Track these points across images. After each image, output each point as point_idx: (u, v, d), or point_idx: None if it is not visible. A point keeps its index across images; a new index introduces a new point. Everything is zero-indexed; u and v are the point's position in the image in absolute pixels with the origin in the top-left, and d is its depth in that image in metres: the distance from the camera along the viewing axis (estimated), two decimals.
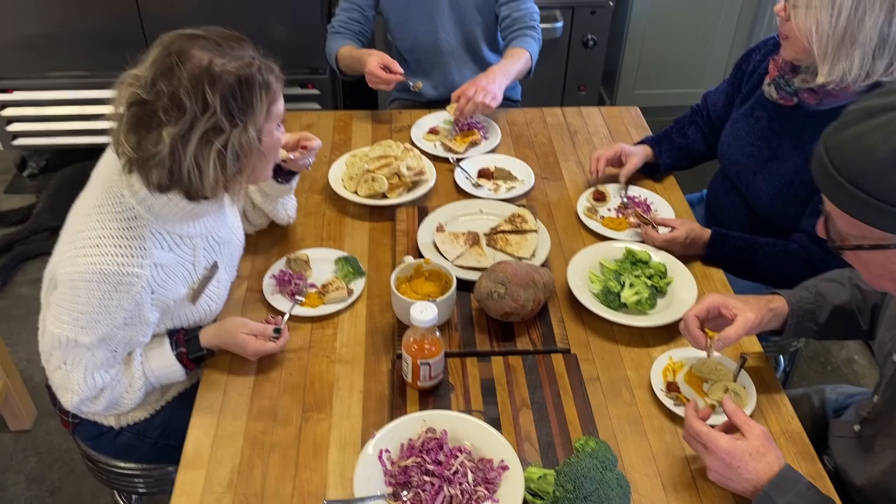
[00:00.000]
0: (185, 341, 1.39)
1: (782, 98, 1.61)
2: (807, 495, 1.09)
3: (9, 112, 3.08)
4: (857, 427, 1.30)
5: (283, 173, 1.59)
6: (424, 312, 1.29)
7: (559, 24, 3.03)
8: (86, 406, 1.35)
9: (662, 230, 1.64)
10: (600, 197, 1.79)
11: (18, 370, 2.31)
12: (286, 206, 1.65)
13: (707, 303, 1.34)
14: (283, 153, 1.53)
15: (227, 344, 1.40)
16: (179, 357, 1.38)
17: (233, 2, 2.85)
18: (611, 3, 3.11)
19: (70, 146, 3.17)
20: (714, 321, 1.36)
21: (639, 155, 1.85)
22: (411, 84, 2.13)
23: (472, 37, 2.22)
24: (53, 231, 3.01)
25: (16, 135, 3.14)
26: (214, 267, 1.42)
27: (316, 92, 3.09)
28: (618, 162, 1.85)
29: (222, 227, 1.45)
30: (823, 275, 1.44)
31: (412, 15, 2.18)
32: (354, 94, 3.43)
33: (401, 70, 1.99)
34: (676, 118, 1.98)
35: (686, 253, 1.63)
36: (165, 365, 1.37)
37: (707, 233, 1.64)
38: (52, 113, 3.10)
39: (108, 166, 1.32)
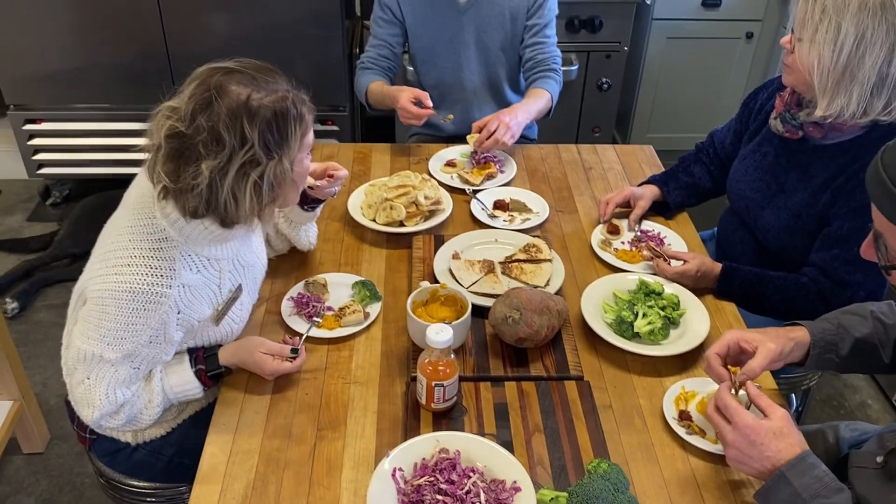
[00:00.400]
0: (203, 359, 1.41)
1: (788, 131, 1.64)
2: (823, 479, 1.08)
3: (36, 141, 3.17)
4: (880, 458, 1.30)
5: (309, 201, 1.63)
6: (440, 334, 1.31)
7: (574, 67, 3.10)
8: (105, 421, 1.37)
9: (674, 263, 1.66)
10: (614, 230, 1.81)
11: (34, 393, 2.34)
12: (308, 233, 1.69)
13: (727, 339, 1.33)
14: (310, 180, 1.58)
15: (245, 362, 1.42)
16: (198, 374, 1.40)
17: (258, 40, 2.94)
18: (625, 48, 3.19)
19: (93, 176, 3.24)
20: (736, 357, 1.35)
21: (647, 197, 1.88)
22: (442, 117, 2.17)
23: (495, 76, 2.28)
24: (74, 258, 3.07)
25: (42, 164, 3.22)
26: (239, 289, 1.45)
27: (336, 129, 3.16)
28: (627, 205, 1.88)
29: (248, 252, 1.48)
30: (844, 308, 1.45)
31: (439, 53, 2.24)
32: (373, 132, 3.51)
33: (431, 104, 2.04)
34: (682, 156, 2.02)
35: (697, 286, 1.65)
36: (184, 382, 1.39)
37: (718, 267, 1.66)
38: (78, 143, 3.18)
39: (140, 188, 1.35)
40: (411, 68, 2.43)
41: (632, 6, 3.12)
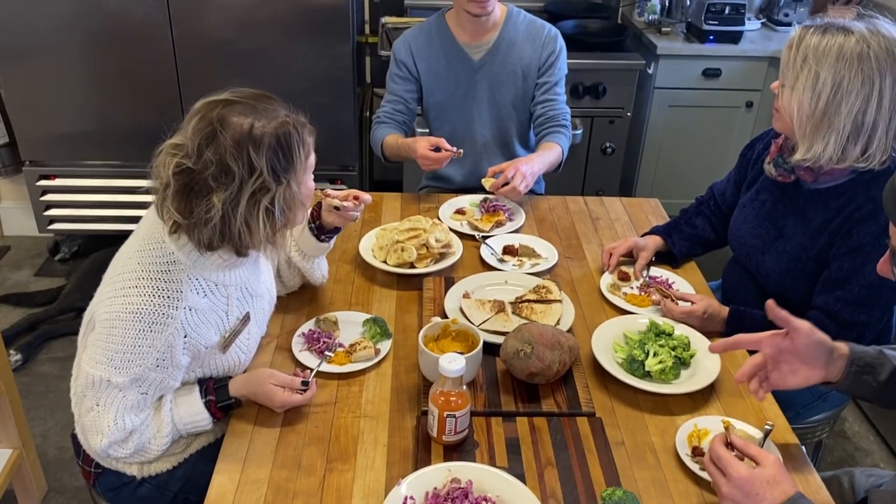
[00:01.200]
0: (214, 389, 1.41)
1: (780, 175, 1.68)
2: None
3: (49, 197, 3.22)
4: None
5: (325, 232, 1.65)
6: (453, 362, 1.31)
7: (579, 132, 3.18)
8: (114, 450, 1.36)
9: (681, 304, 1.67)
10: (624, 277, 1.84)
11: (34, 445, 2.30)
12: (321, 266, 1.71)
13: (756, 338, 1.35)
14: (334, 201, 1.60)
15: (256, 394, 1.41)
16: (208, 405, 1.39)
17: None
18: (628, 114, 3.28)
19: (104, 232, 3.28)
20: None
21: (650, 248, 1.90)
22: (454, 151, 2.20)
23: (505, 132, 2.34)
24: (80, 312, 3.06)
25: (53, 219, 3.26)
26: (246, 318, 1.46)
27: (345, 188, 3.21)
28: (631, 256, 1.90)
29: (256, 282, 1.50)
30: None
31: (452, 108, 2.31)
32: (382, 190, 3.56)
33: (449, 146, 2.08)
34: (682, 209, 2.06)
35: (705, 328, 1.65)
36: (193, 412, 1.39)
37: (725, 310, 1.68)
38: (90, 199, 3.23)
39: (150, 219, 1.38)
40: (420, 130, 2.49)
41: (634, 73, 3.23)
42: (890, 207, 1.03)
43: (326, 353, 1.55)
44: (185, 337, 1.33)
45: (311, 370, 1.48)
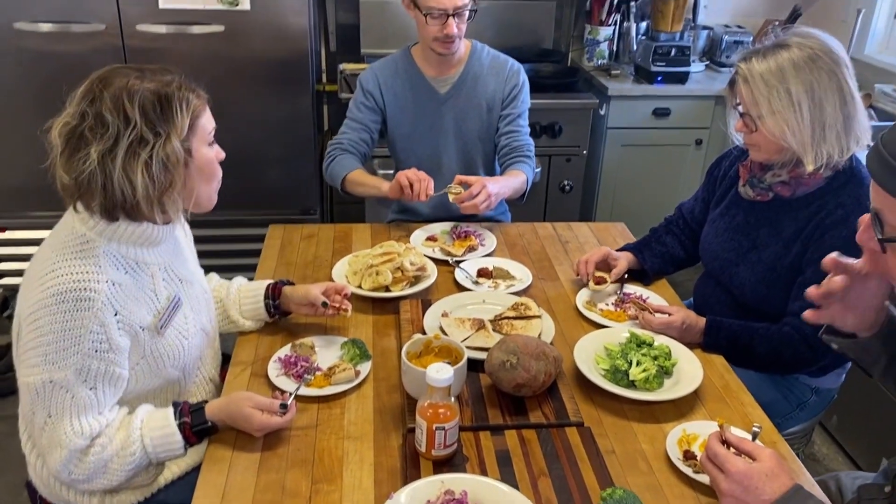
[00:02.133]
0: (189, 412, 1.35)
1: (759, 195, 1.72)
2: None
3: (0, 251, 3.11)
4: (888, 489, 1.28)
5: (280, 312, 1.67)
6: (441, 372, 1.29)
7: (538, 170, 3.22)
8: (74, 465, 1.28)
9: (660, 316, 1.68)
10: (601, 280, 1.85)
11: None
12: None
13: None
14: (322, 297, 1.62)
15: (234, 416, 1.36)
16: (182, 427, 1.33)
17: (233, 153, 3.00)
18: (584, 153, 3.36)
19: None
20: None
21: (623, 260, 1.92)
22: (447, 191, 2.14)
23: (472, 163, 2.36)
24: None
25: (3, 273, 3.14)
26: (178, 301, 1.43)
27: None
28: (605, 266, 1.92)
29: (181, 266, 1.48)
30: None
31: (418, 140, 2.33)
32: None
33: (424, 177, 2.06)
34: (652, 228, 2.09)
35: (683, 339, 1.66)
36: (166, 433, 1.32)
37: (702, 321, 1.69)
38: None
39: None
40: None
41: (588, 113, 3.31)
42: (873, 166, 1.06)
43: (305, 376, 1.50)
44: (116, 315, 1.29)
45: (291, 393, 1.43)
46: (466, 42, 2.30)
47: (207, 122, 1.38)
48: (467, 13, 2.15)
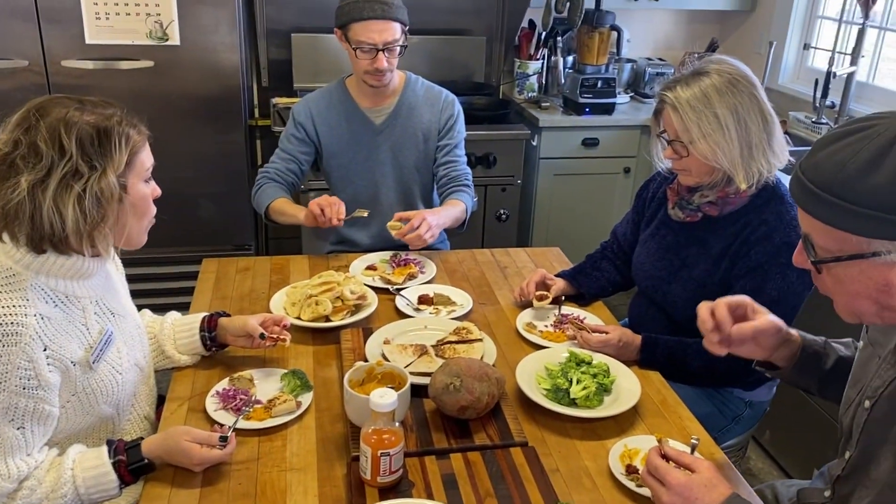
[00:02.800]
0: (124, 450, 1.30)
1: (688, 216, 1.79)
2: None
3: None
4: (827, 493, 1.32)
5: (216, 344, 1.64)
6: (384, 397, 1.28)
7: (475, 199, 3.26)
8: None
9: (597, 335, 1.71)
10: (543, 297, 1.88)
11: None
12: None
13: (739, 299, 1.36)
14: (260, 329, 1.60)
15: (172, 452, 1.31)
16: (117, 466, 1.28)
17: (169, 190, 2.96)
18: (519, 182, 3.42)
19: None
20: (738, 317, 1.37)
21: (560, 283, 1.96)
22: (357, 212, 2.18)
23: (410, 194, 2.38)
24: None
25: None
26: (111, 335, 1.39)
27: None
28: (544, 287, 1.95)
29: (113, 300, 1.44)
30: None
31: (355, 171, 2.33)
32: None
33: (335, 201, 2.07)
34: (588, 254, 2.14)
35: (620, 356, 1.69)
36: (99, 473, 1.27)
37: (639, 338, 1.73)
38: None
39: None
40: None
41: (521, 143, 3.38)
42: (796, 193, 1.11)
43: (245, 408, 1.47)
44: (46, 350, 1.24)
45: (230, 426, 1.39)
46: (400, 73, 2.33)
47: (146, 158, 1.36)
48: (398, 48, 2.18)
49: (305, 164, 2.34)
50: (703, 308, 1.37)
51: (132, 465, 1.29)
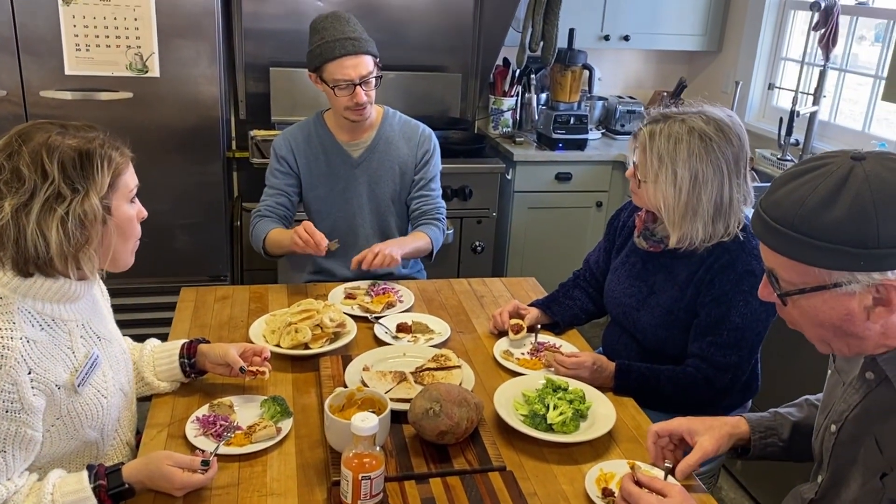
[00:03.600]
0: (105, 475, 1.30)
1: (652, 246, 1.84)
2: None
3: None
4: None
5: (196, 371, 1.65)
6: (366, 421, 1.30)
7: (450, 232, 3.32)
8: None
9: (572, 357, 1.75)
10: (518, 329, 1.91)
11: None
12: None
13: (675, 426, 1.44)
14: (239, 361, 1.61)
15: (153, 476, 1.32)
16: (97, 490, 1.28)
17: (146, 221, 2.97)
18: (494, 214, 3.48)
19: None
20: (677, 443, 1.46)
21: (533, 312, 2.00)
22: (329, 244, 2.19)
23: (386, 226, 2.41)
24: None
25: None
26: (96, 359, 1.40)
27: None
28: (517, 316, 1.99)
29: (99, 324, 1.46)
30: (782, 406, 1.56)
31: (333, 203, 2.36)
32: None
33: (315, 234, 2.10)
34: (561, 283, 2.18)
35: (595, 381, 1.73)
36: (79, 498, 1.26)
37: (612, 365, 1.77)
38: None
39: None
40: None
41: (496, 177, 3.45)
42: (758, 230, 1.17)
43: (225, 434, 1.48)
44: (30, 373, 1.25)
45: (212, 452, 1.40)
46: (378, 108, 2.38)
47: (130, 179, 1.38)
48: (373, 80, 2.24)
49: (294, 196, 2.37)
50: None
51: (112, 489, 1.29)
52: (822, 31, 3.16)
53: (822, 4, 3.11)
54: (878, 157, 1.11)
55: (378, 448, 1.33)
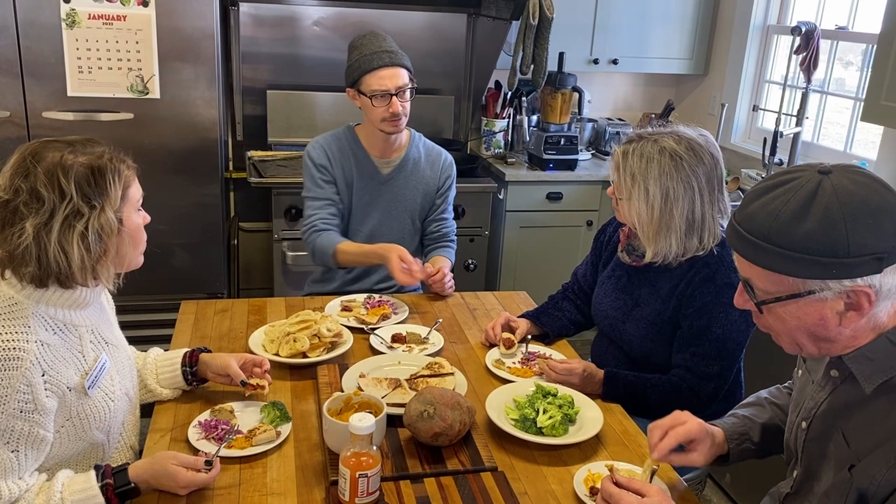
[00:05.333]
0: (112, 474, 1.35)
1: (634, 261, 1.92)
2: None
3: None
4: None
5: (197, 379, 1.70)
6: (363, 420, 1.35)
7: None
8: None
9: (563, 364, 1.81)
10: (510, 344, 1.97)
11: None
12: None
13: (685, 433, 1.45)
14: (241, 374, 1.66)
15: (158, 475, 1.37)
16: (105, 489, 1.33)
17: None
18: (486, 233, 3.55)
19: None
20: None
21: (523, 324, 2.07)
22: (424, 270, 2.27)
23: (399, 242, 2.35)
24: None
25: None
26: (105, 363, 1.46)
27: None
28: (509, 329, 2.05)
29: (107, 329, 1.52)
30: (740, 403, 1.63)
31: (354, 215, 2.43)
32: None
33: (413, 264, 2.19)
34: (550, 295, 2.25)
35: (584, 388, 1.79)
36: (87, 496, 1.31)
37: (601, 372, 1.83)
38: None
39: None
40: None
41: (489, 196, 3.53)
42: (733, 242, 1.24)
43: (227, 437, 1.53)
44: (44, 375, 1.30)
45: (214, 453, 1.45)
46: (406, 129, 2.45)
47: (136, 190, 1.45)
48: (409, 92, 2.31)
49: (339, 203, 2.40)
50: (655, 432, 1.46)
51: (119, 488, 1.34)
52: (804, 54, 3.27)
53: (803, 29, 3.22)
54: (844, 171, 1.18)
55: (375, 448, 1.38)
